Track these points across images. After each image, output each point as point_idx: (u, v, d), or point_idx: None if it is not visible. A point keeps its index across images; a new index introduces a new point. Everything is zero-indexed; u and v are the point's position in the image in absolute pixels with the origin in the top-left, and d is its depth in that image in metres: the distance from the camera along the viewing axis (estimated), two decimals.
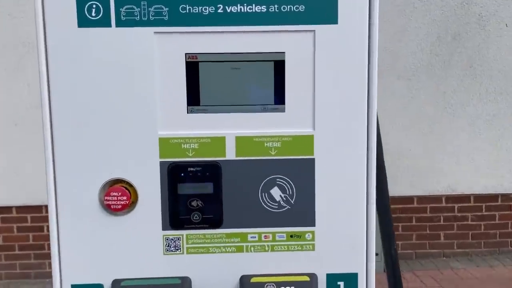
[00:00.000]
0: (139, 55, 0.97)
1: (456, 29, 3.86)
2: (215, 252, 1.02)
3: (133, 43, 0.97)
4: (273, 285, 0.99)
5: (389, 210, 1.31)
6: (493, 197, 3.98)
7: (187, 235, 1.02)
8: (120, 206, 0.99)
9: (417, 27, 3.77)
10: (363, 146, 1.01)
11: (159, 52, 0.98)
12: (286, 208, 1.02)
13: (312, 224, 1.02)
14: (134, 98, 0.98)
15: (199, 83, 1.00)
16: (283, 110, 1.01)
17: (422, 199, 3.90)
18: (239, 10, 0.97)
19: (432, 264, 3.87)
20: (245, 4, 0.97)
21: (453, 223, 3.98)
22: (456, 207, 3.98)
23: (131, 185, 1.01)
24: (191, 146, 1.01)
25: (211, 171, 1.01)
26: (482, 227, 4.00)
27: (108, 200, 0.99)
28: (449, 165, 3.90)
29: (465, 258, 3.96)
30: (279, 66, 1.00)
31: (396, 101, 3.74)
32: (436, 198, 3.93)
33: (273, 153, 1.01)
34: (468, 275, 3.66)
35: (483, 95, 3.96)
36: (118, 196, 0.99)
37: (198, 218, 1.01)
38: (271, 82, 1.01)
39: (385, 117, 2.88)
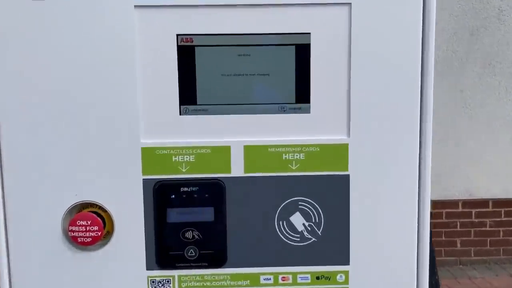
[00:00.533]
0: (113, 37, 0.73)
1: (474, 24, 3.65)
2: None
3: (105, 20, 0.72)
4: None
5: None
6: None
7: (179, 276, 0.77)
8: (90, 239, 0.74)
9: None
10: (413, 159, 0.76)
11: (142, 34, 0.73)
12: (311, 240, 0.77)
13: (346, 262, 0.77)
14: (108, 95, 0.74)
15: (195, 75, 0.75)
16: (307, 111, 0.76)
17: (437, 204, 3.69)
18: None
19: (448, 272, 3.69)
20: None
21: (470, 229, 3.80)
22: (473, 213, 3.80)
23: (104, 211, 0.76)
24: (185, 159, 0.76)
25: (211, 192, 0.76)
26: (501, 233, 3.83)
27: (74, 231, 0.74)
28: (466, 168, 3.72)
29: (483, 266, 3.78)
30: (302, 52, 0.75)
31: None
32: (452, 203, 3.75)
33: (294, 168, 0.76)
34: (486, 284, 3.49)
35: (502, 94, 3.77)
36: (87, 226, 0.74)
37: (194, 254, 0.76)
38: (292, 73, 0.76)
39: None
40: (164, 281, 0.77)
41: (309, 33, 0.74)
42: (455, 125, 3.70)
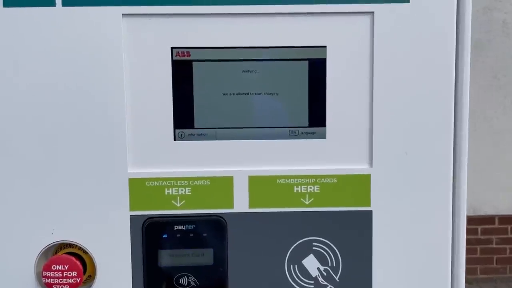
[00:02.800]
0: (99, 49, 0.62)
1: (478, 37, 3.58)
2: None
3: (90, 31, 0.62)
4: None
5: None
6: None
7: None
8: (67, 287, 0.63)
9: None
10: (446, 193, 0.65)
11: (131, 46, 0.63)
12: (328, 287, 0.66)
13: None
14: (91, 117, 0.63)
15: (192, 94, 0.65)
16: (322, 136, 0.66)
17: None
18: None
19: None
20: None
21: (476, 246, 3.68)
22: (479, 229, 3.68)
23: (85, 252, 0.65)
24: (180, 192, 0.65)
25: (210, 231, 0.65)
26: (508, 250, 3.72)
27: (48, 277, 0.63)
28: (471, 183, 3.60)
29: (490, 284, 3.63)
30: (317, 68, 0.65)
31: None
32: None
33: (307, 202, 0.66)
34: None
35: (508, 108, 3.70)
36: (64, 271, 0.63)
37: None
38: (305, 92, 0.65)
39: None
40: None
41: (325, 47, 0.64)
42: None
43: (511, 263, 3.78)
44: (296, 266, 0.66)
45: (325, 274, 0.66)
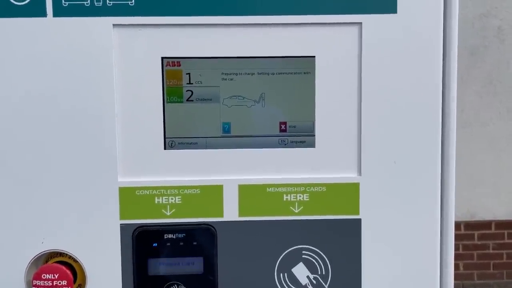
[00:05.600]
0: (89, 59, 0.63)
1: (474, 43, 3.60)
2: None
3: (80, 41, 0.63)
4: None
5: None
6: None
7: None
8: None
9: None
10: (434, 201, 0.66)
11: (122, 55, 0.64)
12: None
13: None
14: (81, 126, 0.63)
15: (183, 103, 0.66)
16: (311, 145, 0.66)
17: None
18: None
19: None
20: None
21: (473, 251, 3.66)
22: (475, 235, 3.67)
23: (75, 261, 0.65)
24: (170, 201, 0.65)
25: (200, 240, 0.65)
26: (505, 256, 3.71)
27: (38, 286, 0.63)
28: (468, 189, 3.61)
29: None
30: (306, 77, 0.66)
31: None
32: (454, 225, 3.64)
33: (296, 211, 0.66)
34: None
35: (503, 114, 3.70)
36: (55, 280, 0.63)
37: None
38: (294, 101, 0.66)
39: None
40: None
41: (314, 57, 0.65)
42: (456, 146, 3.62)
43: (507, 268, 3.77)
44: (285, 274, 0.66)
45: (314, 282, 0.66)
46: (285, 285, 0.66)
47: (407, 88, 0.65)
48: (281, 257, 0.66)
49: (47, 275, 0.63)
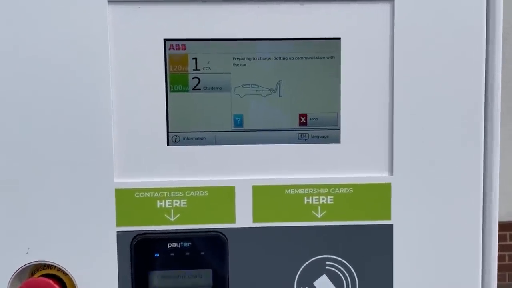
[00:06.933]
0: (80, 41, 0.54)
1: None
2: None
3: (70, 21, 0.54)
4: None
5: None
6: None
7: None
8: None
9: None
10: (476, 203, 0.58)
11: (118, 38, 0.55)
12: None
13: None
14: (71, 118, 0.55)
15: (189, 92, 0.57)
16: (336, 140, 0.58)
17: None
18: None
19: None
20: None
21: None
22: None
23: (65, 274, 0.57)
24: (174, 204, 0.57)
25: (209, 249, 0.57)
26: (507, 258, 3.63)
27: None
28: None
29: None
30: (330, 63, 0.57)
31: None
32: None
33: (319, 215, 0.58)
34: None
35: (504, 115, 3.64)
36: None
37: None
38: (316, 90, 0.58)
39: None
40: None
41: (339, 39, 0.57)
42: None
43: (510, 270, 3.69)
44: None
45: None
46: None
47: (445, 76, 0.57)
48: (302, 268, 0.58)
49: None
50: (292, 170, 0.57)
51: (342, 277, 0.58)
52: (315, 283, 0.58)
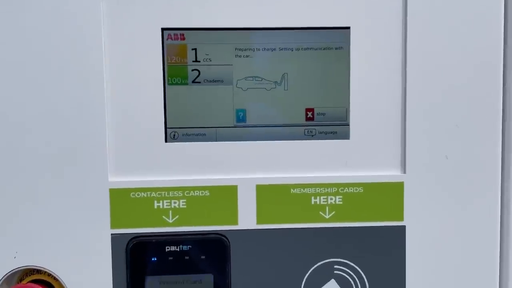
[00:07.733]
0: (72, 31, 0.51)
1: None
2: None
3: (62, 12, 0.51)
4: None
5: None
6: None
7: None
8: None
9: None
10: (494, 204, 0.55)
11: (113, 26, 0.52)
12: None
13: None
14: (62, 112, 0.51)
15: (188, 85, 0.54)
16: (345, 136, 0.54)
17: None
18: None
19: None
20: None
21: None
22: None
23: (55, 279, 0.53)
24: (173, 205, 0.53)
25: (210, 253, 0.53)
26: None
27: None
28: None
29: None
30: (338, 54, 0.54)
31: None
32: None
33: (327, 216, 0.54)
34: None
35: None
36: None
37: None
38: (323, 83, 0.54)
39: None
40: None
41: (348, 28, 0.53)
42: None
43: None
44: None
45: None
46: None
47: (461, 67, 0.53)
48: (309, 273, 0.54)
49: None
50: (298, 168, 0.54)
51: (352, 282, 0.54)
52: None
